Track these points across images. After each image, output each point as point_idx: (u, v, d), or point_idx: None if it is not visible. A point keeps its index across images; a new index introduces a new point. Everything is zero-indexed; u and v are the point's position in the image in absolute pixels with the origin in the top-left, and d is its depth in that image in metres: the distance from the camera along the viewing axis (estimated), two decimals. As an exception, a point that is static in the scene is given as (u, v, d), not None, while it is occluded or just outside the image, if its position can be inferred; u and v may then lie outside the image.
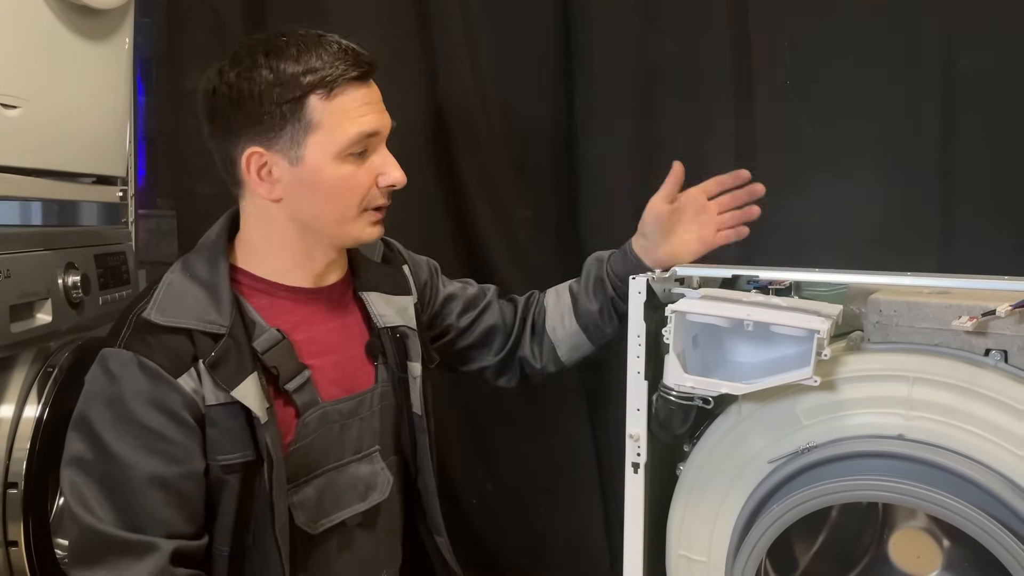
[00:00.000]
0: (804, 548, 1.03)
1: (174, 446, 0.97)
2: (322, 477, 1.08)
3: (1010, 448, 0.83)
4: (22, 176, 1.32)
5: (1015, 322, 0.85)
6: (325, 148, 1.01)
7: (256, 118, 1.00)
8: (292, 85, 0.99)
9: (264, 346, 1.02)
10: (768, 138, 1.54)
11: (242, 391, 0.98)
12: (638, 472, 1.00)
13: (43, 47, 1.35)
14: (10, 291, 1.23)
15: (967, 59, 1.41)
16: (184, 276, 1.04)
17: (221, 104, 1.02)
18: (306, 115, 1.00)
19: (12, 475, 1.25)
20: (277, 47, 1.01)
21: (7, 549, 1.24)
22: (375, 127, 1.04)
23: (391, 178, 1.06)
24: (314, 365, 1.07)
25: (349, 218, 1.06)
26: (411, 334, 1.16)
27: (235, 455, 0.99)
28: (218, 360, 0.98)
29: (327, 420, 1.08)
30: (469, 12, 1.64)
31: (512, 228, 1.68)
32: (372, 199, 1.06)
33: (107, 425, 0.96)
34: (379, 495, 1.13)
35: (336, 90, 1.01)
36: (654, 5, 1.58)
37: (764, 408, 0.95)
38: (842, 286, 1.00)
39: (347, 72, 1.01)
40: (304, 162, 1.02)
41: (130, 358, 0.97)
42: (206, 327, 0.99)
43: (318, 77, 1.00)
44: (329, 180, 1.03)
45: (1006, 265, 0.99)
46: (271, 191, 1.04)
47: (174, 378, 0.97)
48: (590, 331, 1.26)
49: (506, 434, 1.75)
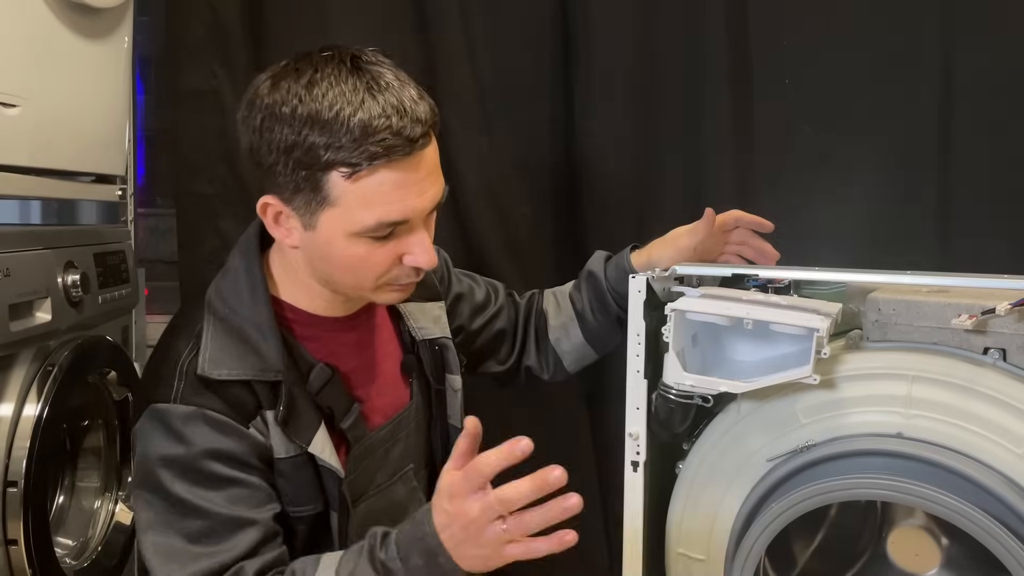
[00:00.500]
0: (803, 546, 1.03)
1: (258, 491, 0.93)
2: (362, 505, 1.04)
3: (1009, 446, 0.83)
4: (21, 175, 1.32)
5: (1014, 320, 0.85)
6: (339, 226, 0.91)
7: (272, 171, 0.90)
8: (312, 156, 0.87)
9: (318, 386, 0.97)
10: (767, 137, 1.54)
11: (318, 446, 0.94)
12: (637, 471, 1.00)
13: (42, 46, 1.35)
14: (9, 290, 1.23)
15: (966, 58, 1.42)
16: (226, 315, 0.97)
17: (244, 137, 0.93)
18: (323, 189, 0.89)
19: (12, 473, 1.25)
20: (314, 97, 0.87)
21: (7, 547, 1.24)
22: (403, 216, 0.91)
23: (416, 261, 0.94)
24: (360, 396, 1.03)
25: (366, 288, 0.97)
26: (449, 344, 1.12)
27: (307, 508, 0.97)
28: (288, 415, 0.93)
29: (371, 450, 1.04)
30: (468, 11, 1.64)
31: (511, 227, 1.68)
32: (394, 277, 0.96)
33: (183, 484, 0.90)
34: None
35: (360, 174, 0.88)
36: (653, 4, 1.58)
37: (763, 406, 0.95)
38: (841, 285, 1.00)
39: (378, 156, 0.87)
40: (316, 232, 0.92)
41: (194, 412, 0.91)
42: (263, 376, 0.94)
43: (340, 157, 0.87)
44: (340, 255, 0.93)
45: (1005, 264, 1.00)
46: (288, 237, 0.95)
47: (245, 428, 0.93)
48: (595, 344, 1.25)
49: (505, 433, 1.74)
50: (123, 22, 1.57)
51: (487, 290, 1.28)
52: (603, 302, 1.22)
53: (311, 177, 0.88)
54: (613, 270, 1.22)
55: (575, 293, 1.26)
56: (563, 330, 1.25)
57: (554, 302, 1.28)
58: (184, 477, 0.91)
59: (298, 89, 0.88)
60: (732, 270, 1.05)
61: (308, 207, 0.91)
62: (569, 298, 1.26)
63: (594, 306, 1.22)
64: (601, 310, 1.22)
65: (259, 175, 0.92)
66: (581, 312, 1.24)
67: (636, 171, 1.61)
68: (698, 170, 1.58)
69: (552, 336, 1.26)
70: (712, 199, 1.56)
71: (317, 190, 0.89)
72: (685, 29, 1.56)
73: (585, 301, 1.23)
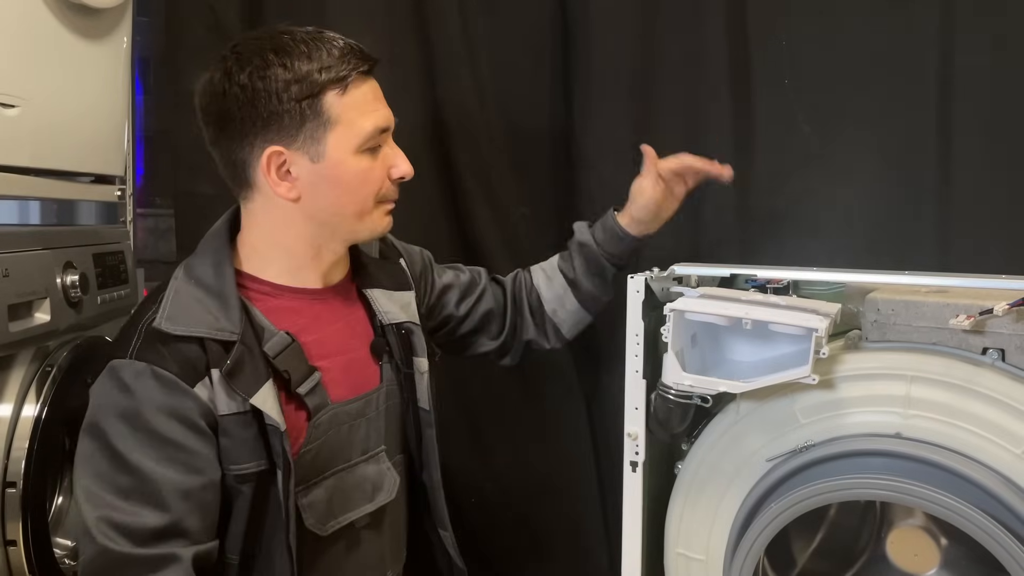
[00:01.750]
0: (802, 546, 1.03)
1: (194, 456, 0.95)
2: (332, 478, 1.07)
3: (1007, 446, 0.83)
4: (20, 175, 1.32)
5: (1012, 321, 0.86)
6: (345, 143, 1.02)
7: (275, 117, 0.99)
8: (309, 82, 0.99)
9: (275, 350, 1.01)
10: (766, 137, 1.54)
11: (260, 399, 0.97)
12: (636, 471, 1.00)
13: (41, 46, 1.35)
14: (9, 290, 1.23)
15: (966, 58, 1.41)
16: (190, 283, 1.02)
17: (233, 106, 1.00)
18: (324, 112, 1.00)
19: (11, 474, 1.25)
20: (285, 45, 1.00)
21: (6, 548, 1.24)
22: (387, 122, 1.06)
23: (401, 170, 1.08)
24: (323, 367, 1.06)
25: (367, 211, 1.06)
26: (416, 329, 1.16)
27: (249, 464, 0.98)
28: (234, 368, 0.97)
29: (337, 421, 1.07)
30: (467, 10, 1.64)
31: (510, 226, 1.68)
32: (386, 192, 1.08)
33: (125, 438, 0.94)
34: (386, 496, 1.13)
35: (350, 86, 1.01)
36: (653, 4, 1.58)
37: (762, 407, 0.95)
38: (840, 285, 1.00)
39: (358, 66, 1.02)
40: (326, 158, 1.02)
41: (144, 368, 0.95)
42: (217, 334, 0.98)
43: (333, 74, 1.00)
44: (350, 174, 1.03)
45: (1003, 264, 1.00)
46: (291, 190, 1.03)
47: (190, 387, 0.95)
48: (589, 307, 1.32)
49: (505, 433, 1.75)
50: (122, 22, 1.57)
51: (471, 275, 1.35)
52: (597, 265, 1.29)
53: (312, 104, 0.99)
54: (601, 232, 1.30)
55: (564, 264, 1.33)
56: (558, 301, 1.32)
57: (544, 277, 1.34)
58: (126, 430, 0.94)
59: (267, 54, 1.00)
60: (731, 270, 1.05)
61: (314, 136, 1.01)
62: (559, 270, 1.33)
63: (588, 271, 1.30)
64: (596, 273, 1.30)
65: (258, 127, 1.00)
66: (574, 280, 1.31)
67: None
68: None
69: (548, 308, 1.33)
70: (711, 199, 1.56)
71: (319, 114, 1.00)
72: (685, 29, 1.56)
73: (577, 269, 1.31)
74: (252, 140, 1.01)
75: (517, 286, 1.35)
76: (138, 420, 0.94)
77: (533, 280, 1.35)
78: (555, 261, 1.35)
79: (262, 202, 1.05)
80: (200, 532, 0.96)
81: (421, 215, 1.65)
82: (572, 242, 1.33)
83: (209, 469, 0.97)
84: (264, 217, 1.06)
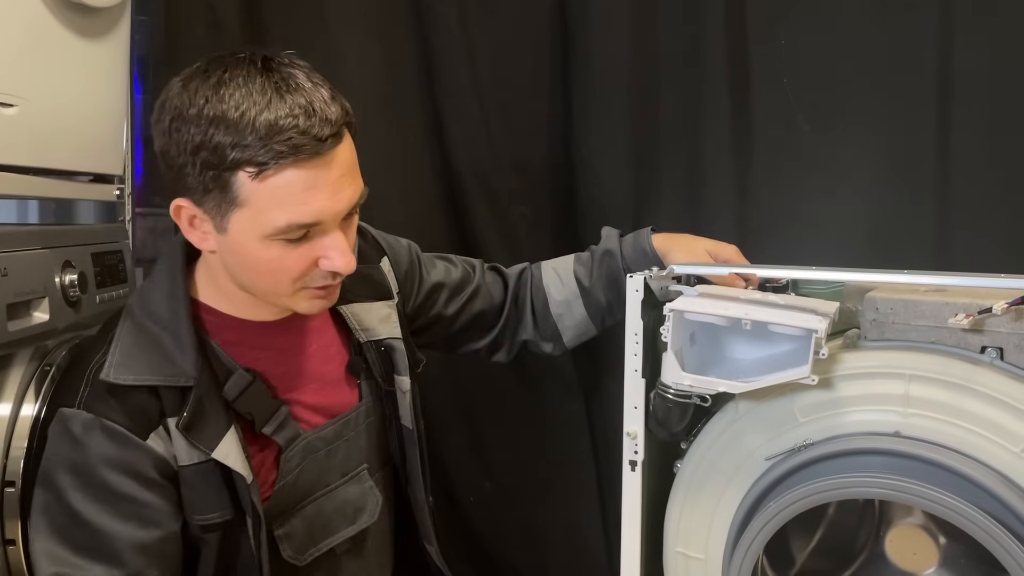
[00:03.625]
0: (801, 545, 1.03)
1: (149, 509, 0.91)
2: (310, 506, 1.03)
3: (1006, 445, 0.83)
4: (18, 174, 1.31)
5: (1011, 320, 0.86)
6: (250, 229, 0.89)
7: (182, 174, 0.89)
8: (218, 155, 0.86)
9: (234, 392, 0.95)
10: (765, 137, 1.54)
11: (223, 451, 0.92)
12: (635, 470, 1.00)
13: (40, 45, 1.34)
14: (7, 290, 1.23)
15: (964, 57, 1.42)
16: (142, 320, 0.96)
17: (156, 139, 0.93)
18: (231, 189, 0.87)
19: (9, 474, 1.24)
20: (224, 96, 0.87)
21: (5, 548, 1.24)
22: (314, 218, 0.89)
23: (332, 265, 0.92)
24: (292, 399, 1.01)
25: (283, 293, 0.95)
26: (397, 345, 1.10)
27: (213, 515, 0.95)
28: (191, 420, 0.91)
29: (311, 450, 1.02)
30: (465, 9, 1.64)
31: (508, 225, 1.68)
32: (310, 280, 0.94)
33: (77, 494, 0.90)
34: (368, 518, 1.08)
35: (267, 173, 0.86)
36: (652, 4, 1.58)
37: (761, 405, 0.95)
38: (839, 284, 1.00)
39: (284, 155, 0.85)
40: (228, 235, 0.91)
41: (92, 421, 0.90)
42: (171, 381, 0.92)
43: (246, 155, 0.85)
44: (253, 259, 0.91)
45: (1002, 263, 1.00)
46: (203, 241, 0.94)
47: (142, 440, 0.91)
48: (598, 320, 1.24)
49: (504, 432, 1.75)
50: (121, 21, 1.57)
51: (464, 269, 1.26)
52: (616, 279, 1.20)
53: (219, 177, 0.87)
54: (631, 250, 1.21)
55: (580, 268, 1.24)
56: (566, 306, 1.24)
57: (556, 278, 1.25)
58: (78, 484, 0.90)
59: (206, 90, 0.88)
60: (729, 269, 1.05)
61: (219, 209, 0.89)
62: (574, 275, 1.24)
63: (604, 283, 1.21)
64: (611, 286, 1.21)
65: (170, 177, 0.91)
66: (588, 288, 1.22)
67: (635, 171, 1.61)
68: (697, 170, 1.59)
69: (554, 311, 1.24)
70: (711, 199, 1.57)
71: (226, 190, 0.88)
72: (684, 29, 1.56)
73: (595, 278, 1.22)
74: (169, 177, 0.92)
75: (522, 282, 1.28)
76: (89, 475, 0.90)
77: (543, 279, 1.26)
78: (570, 263, 1.26)
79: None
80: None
81: (419, 214, 1.65)
82: (596, 248, 1.26)
83: (167, 521, 0.93)
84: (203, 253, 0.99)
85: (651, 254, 1.19)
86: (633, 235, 1.23)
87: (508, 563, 1.75)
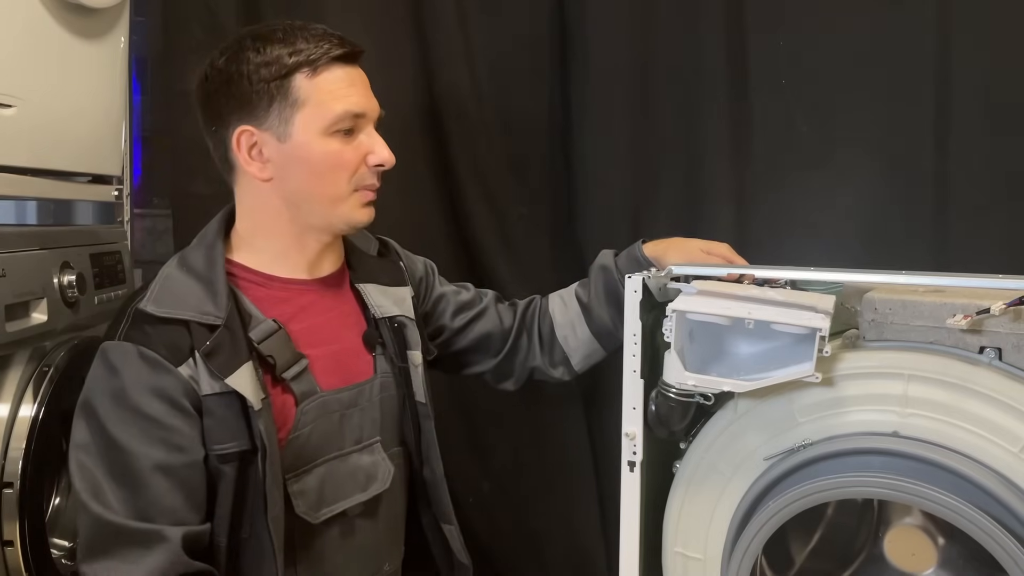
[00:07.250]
0: (800, 545, 1.03)
1: (177, 434, 0.98)
2: (323, 466, 1.08)
3: (1005, 445, 0.83)
4: (17, 175, 1.32)
5: (1009, 320, 0.86)
6: (312, 124, 1.04)
7: (245, 98, 1.03)
8: (278, 64, 1.03)
9: (260, 336, 1.03)
10: (764, 137, 1.54)
11: (236, 379, 0.99)
12: (634, 470, 1.00)
13: (38, 46, 1.34)
14: (6, 290, 1.23)
15: (965, 58, 1.42)
16: (180, 270, 1.05)
17: (212, 89, 1.06)
18: (292, 93, 1.03)
19: (8, 475, 1.24)
20: (263, 33, 1.05)
21: (3, 549, 1.24)
22: (361, 108, 1.06)
23: (379, 157, 1.07)
24: (311, 355, 1.08)
25: (340, 196, 1.07)
26: (409, 323, 1.17)
27: (231, 444, 1.00)
28: (213, 349, 0.99)
29: (326, 409, 1.08)
30: (464, 9, 1.64)
31: (507, 225, 1.68)
32: (361, 178, 1.08)
33: (111, 416, 0.97)
34: (380, 485, 1.13)
35: (320, 68, 1.04)
36: (651, 4, 1.58)
37: (760, 405, 0.95)
38: (837, 284, 1.00)
39: (331, 51, 1.04)
40: (292, 139, 1.04)
41: (130, 349, 0.98)
42: (202, 318, 1.00)
43: (303, 56, 1.03)
44: (317, 156, 1.04)
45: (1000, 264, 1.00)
46: (262, 170, 1.06)
47: (174, 367, 0.98)
48: (603, 339, 1.27)
49: (502, 433, 1.75)
50: (119, 22, 1.57)
51: (475, 294, 1.33)
52: (614, 293, 1.24)
53: (280, 85, 1.03)
54: (625, 261, 1.25)
55: (580, 290, 1.30)
56: (570, 327, 1.28)
57: (560, 302, 1.31)
58: (112, 407, 0.97)
59: (244, 41, 1.05)
60: (728, 270, 1.05)
61: (281, 116, 1.03)
62: (575, 295, 1.29)
63: (603, 298, 1.25)
64: (610, 301, 1.24)
65: (230, 108, 1.04)
66: (588, 305, 1.26)
67: (634, 171, 1.61)
68: (696, 170, 1.59)
69: (559, 334, 1.29)
70: (710, 199, 1.57)
71: (287, 95, 1.03)
72: (683, 29, 1.56)
73: (592, 294, 1.26)
74: (227, 120, 1.05)
75: (531, 310, 1.33)
76: (124, 399, 0.97)
77: (549, 306, 1.32)
78: (573, 288, 1.32)
79: (244, 184, 1.08)
80: (186, 510, 0.97)
81: (417, 214, 1.65)
82: (593, 267, 1.29)
83: (192, 448, 0.99)
84: (248, 201, 1.09)
85: (644, 263, 1.23)
86: (626, 250, 1.28)
87: (507, 563, 1.74)
